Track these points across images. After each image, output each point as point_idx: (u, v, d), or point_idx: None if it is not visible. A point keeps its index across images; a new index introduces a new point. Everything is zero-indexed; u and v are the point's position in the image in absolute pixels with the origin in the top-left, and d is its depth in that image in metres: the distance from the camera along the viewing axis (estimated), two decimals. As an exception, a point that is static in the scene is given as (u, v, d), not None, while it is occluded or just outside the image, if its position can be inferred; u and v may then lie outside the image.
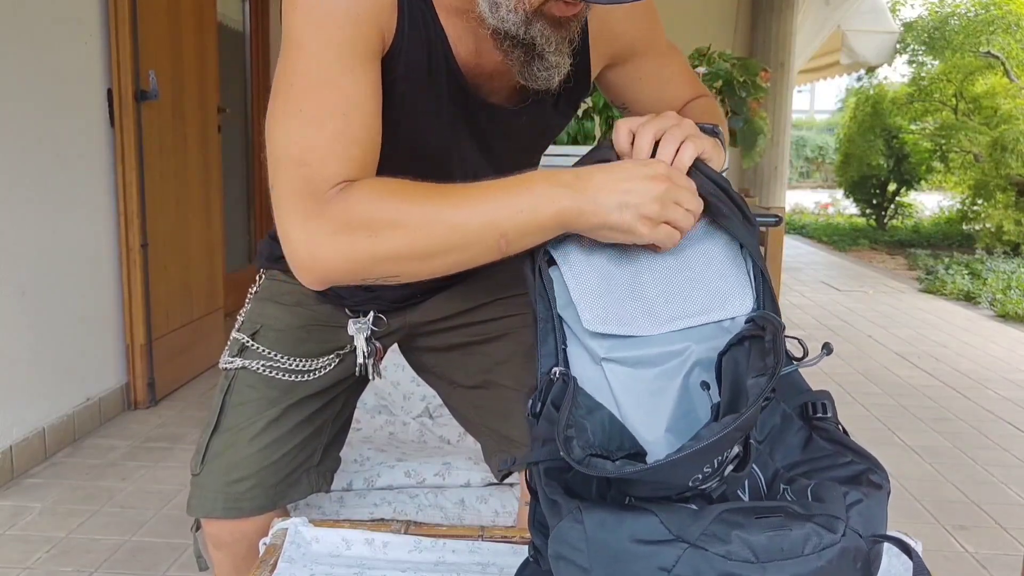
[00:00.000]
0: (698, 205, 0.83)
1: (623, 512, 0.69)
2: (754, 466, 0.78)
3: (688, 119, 0.88)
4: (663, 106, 1.10)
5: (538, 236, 0.84)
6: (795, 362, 0.81)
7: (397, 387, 2.38)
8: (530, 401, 0.79)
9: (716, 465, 0.71)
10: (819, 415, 0.80)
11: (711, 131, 0.91)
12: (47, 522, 2.44)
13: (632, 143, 0.87)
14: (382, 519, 1.87)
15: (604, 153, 0.88)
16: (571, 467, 0.69)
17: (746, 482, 0.77)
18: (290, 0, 0.90)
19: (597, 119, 2.92)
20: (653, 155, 0.85)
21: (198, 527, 1.30)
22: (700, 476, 0.71)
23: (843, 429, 0.82)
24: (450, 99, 1.01)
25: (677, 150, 0.85)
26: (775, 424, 0.81)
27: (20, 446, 2.75)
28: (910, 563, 0.94)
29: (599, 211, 0.81)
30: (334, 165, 0.87)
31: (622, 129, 0.87)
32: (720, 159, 0.90)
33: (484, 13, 0.91)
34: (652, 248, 0.84)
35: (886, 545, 0.98)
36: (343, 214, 0.85)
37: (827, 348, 0.79)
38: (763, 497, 0.77)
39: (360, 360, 1.25)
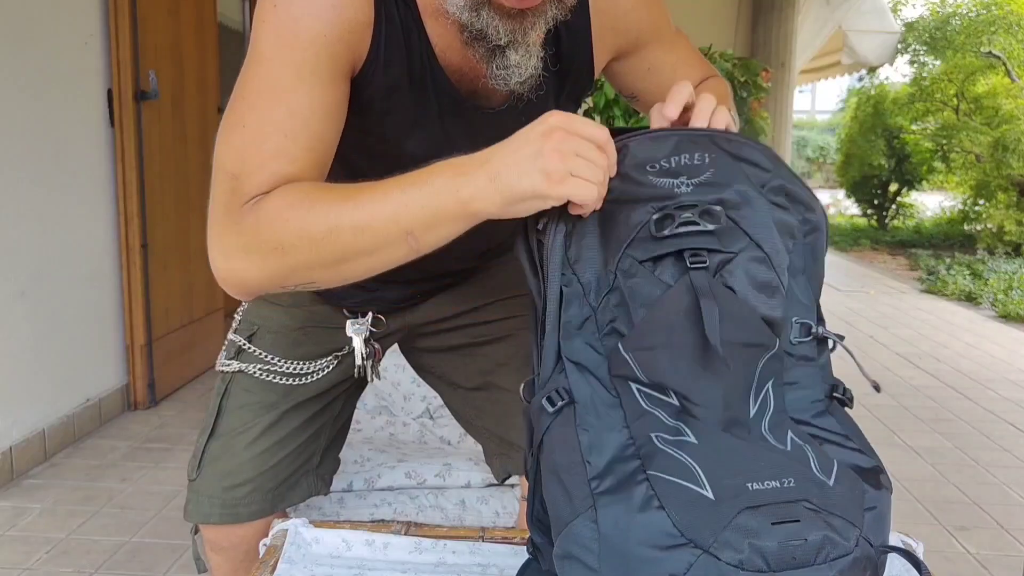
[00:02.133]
0: (601, 158, 0.76)
1: (636, 512, 0.67)
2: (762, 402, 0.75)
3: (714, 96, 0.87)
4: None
5: (449, 228, 0.81)
6: (838, 340, 0.79)
7: (397, 388, 2.38)
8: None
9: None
10: (842, 396, 0.79)
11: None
12: (47, 523, 2.44)
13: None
14: (382, 520, 1.87)
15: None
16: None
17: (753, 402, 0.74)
18: (260, 12, 0.89)
19: (597, 119, 2.91)
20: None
21: (197, 530, 1.30)
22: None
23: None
24: (439, 106, 0.99)
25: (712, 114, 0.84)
26: (800, 376, 0.78)
27: (20, 447, 2.75)
28: (910, 563, 0.94)
29: (502, 187, 0.76)
30: (259, 179, 0.85)
31: (655, 114, 0.85)
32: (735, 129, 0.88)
33: (444, 3, 0.89)
34: (577, 210, 0.78)
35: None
36: (253, 230, 0.84)
37: (876, 387, 0.79)
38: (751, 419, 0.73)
39: (358, 362, 1.24)
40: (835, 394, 0.78)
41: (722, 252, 0.76)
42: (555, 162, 0.74)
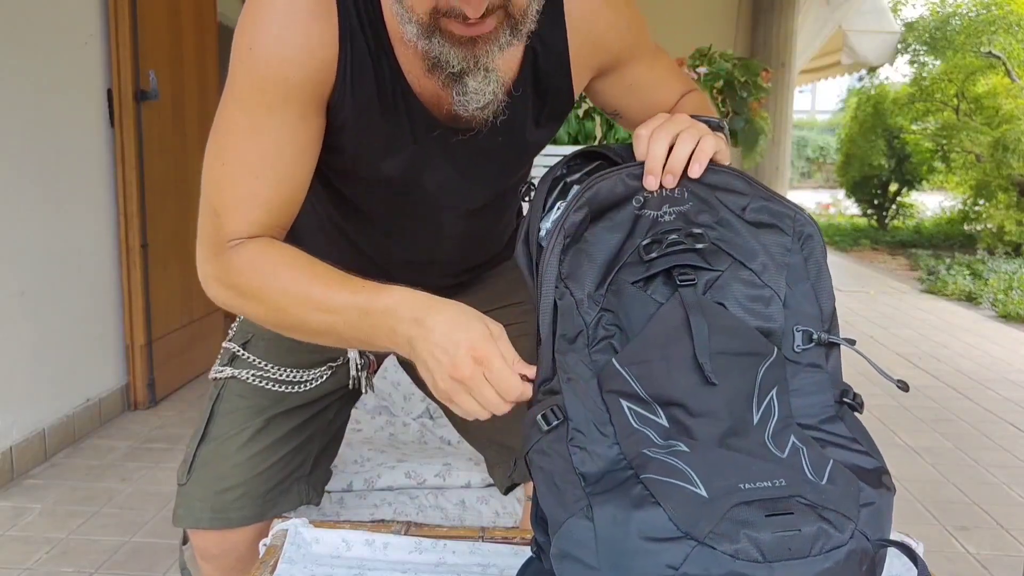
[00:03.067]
0: (496, 405, 0.83)
1: (632, 508, 0.68)
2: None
3: (699, 123, 0.87)
4: (656, 109, 1.08)
5: (373, 349, 0.93)
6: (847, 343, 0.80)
7: (397, 388, 2.38)
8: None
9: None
10: (851, 401, 0.79)
11: (716, 125, 0.90)
12: (47, 523, 2.44)
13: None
14: (382, 520, 1.87)
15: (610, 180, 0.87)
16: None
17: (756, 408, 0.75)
18: (236, 52, 0.94)
19: (598, 119, 2.91)
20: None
21: (186, 540, 1.29)
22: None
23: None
24: (412, 129, 1.00)
25: (692, 151, 0.84)
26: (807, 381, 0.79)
27: (20, 447, 2.75)
28: (910, 562, 0.94)
29: (416, 359, 0.86)
30: (237, 223, 0.95)
31: (642, 137, 0.86)
32: (728, 155, 0.89)
33: (402, 29, 0.91)
34: None
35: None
36: (227, 271, 0.96)
37: (903, 385, 0.81)
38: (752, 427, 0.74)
39: (353, 372, 1.24)
40: (845, 399, 0.79)
41: (710, 270, 0.79)
42: (448, 395, 0.85)
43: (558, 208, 0.86)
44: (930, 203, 10.90)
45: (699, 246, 0.79)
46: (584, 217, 0.81)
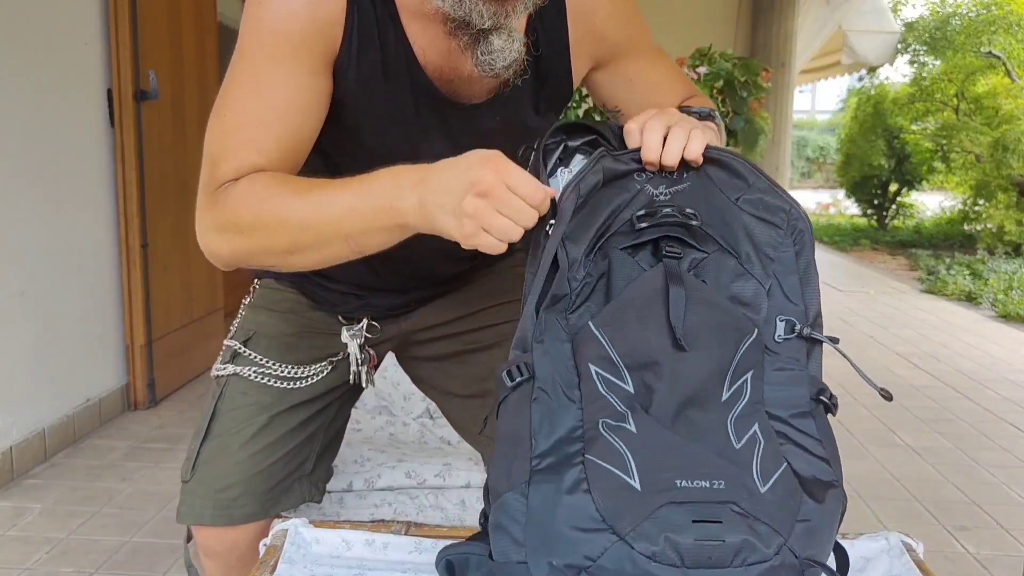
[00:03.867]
0: (527, 216, 0.78)
1: (564, 493, 0.69)
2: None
3: (689, 116, 0.87)
4: (656, 106, 1.10)
5: (385, 236, 0.87)
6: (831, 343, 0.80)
7: (397, 388, 2.38)
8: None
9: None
10: (827, 401, 0.79)
11: (707, 115, 0.91)
12: (47, 523, 2.44)
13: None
14: (382, 520, 1.87)
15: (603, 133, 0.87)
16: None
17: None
18: (247, 8, 0.95)
19: (598, 119, 2.91)
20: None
21: (190, 537, 1.29)
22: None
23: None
24: (415, 100, 1.01)
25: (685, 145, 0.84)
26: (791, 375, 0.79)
27: (20, 447, 2.75)
28: (911, 563, 0.95)
29: (427, 215, 0.82)
30: (231, 166, 0.92)
31: (633, 131, 0.86)
32: (720, 145, 0.90)
33: None
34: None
35: (886, 545, 0.98)
36: (222, 212, 0.92)
37: (886, 395, 0.79)
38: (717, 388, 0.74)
39: (353, 367, 1.25)
40: (821, 397, 0.78)
41: (697, 249, 0.79)
42: (471, 215, 0.78)
43: (562, 172, 0.87)
44: (930, 203, 10.90)
45: (692, 223, 0.79)
46: (598, 182, 0.80)
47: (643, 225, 0.78)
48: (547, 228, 0.81)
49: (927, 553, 0.98)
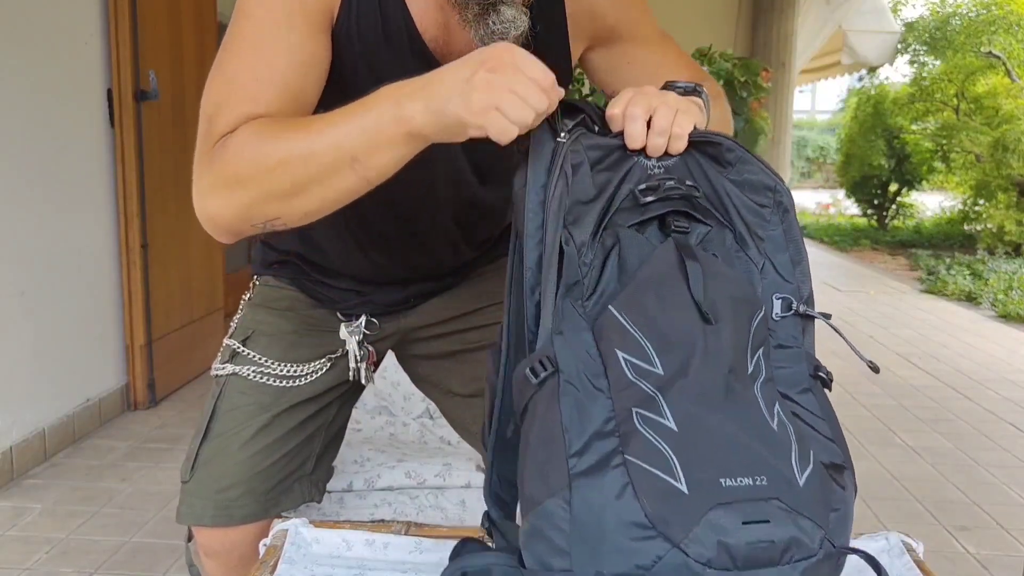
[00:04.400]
0: (537, 98, 0.75)
1: (611, 498, 0.67)
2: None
3: (671, 94, 0.84)
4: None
5: (391, 152, 0.82)
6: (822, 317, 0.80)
7: (397, 388, 2.38)
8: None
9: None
10: (824, 376, 0.79)
11: (691, 90, 0.88)
12: (47, 523, 2.44)
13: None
14: (383, 520, 1.87)
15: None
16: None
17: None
18: None
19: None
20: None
21: (191, 537, 1.29)
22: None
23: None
24: (415, 66, 0.99)
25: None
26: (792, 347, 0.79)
27: (20, 447, 2.75)
28: (911, 563, 0.95)
29: (436, 109, 0.78)
30: (229, 118, 0.89)
31: (616, 115, 0.82)
32: (704, 123, 0.87)
33: None
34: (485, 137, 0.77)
35: (886, 544, 0.98)
36: (220, 167, 0.88)
37: (874, 367, 0.79)
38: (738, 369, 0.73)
39: (352, 364, 1.24)
40: (819, 373, 0.79)
41: (703, 222, 0.78)
42: (483, 92, 0.75)
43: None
44: (930, 203, 10.90)
45: (696, 195, 0.78)
46: (582, 161, 0.79)
47: (648, 199, 0.77)
48: (550, 131, 0.79)
49: (927, 553, 0.98)
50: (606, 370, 0.72)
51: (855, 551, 0.72)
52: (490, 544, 0.91)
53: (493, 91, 0.75)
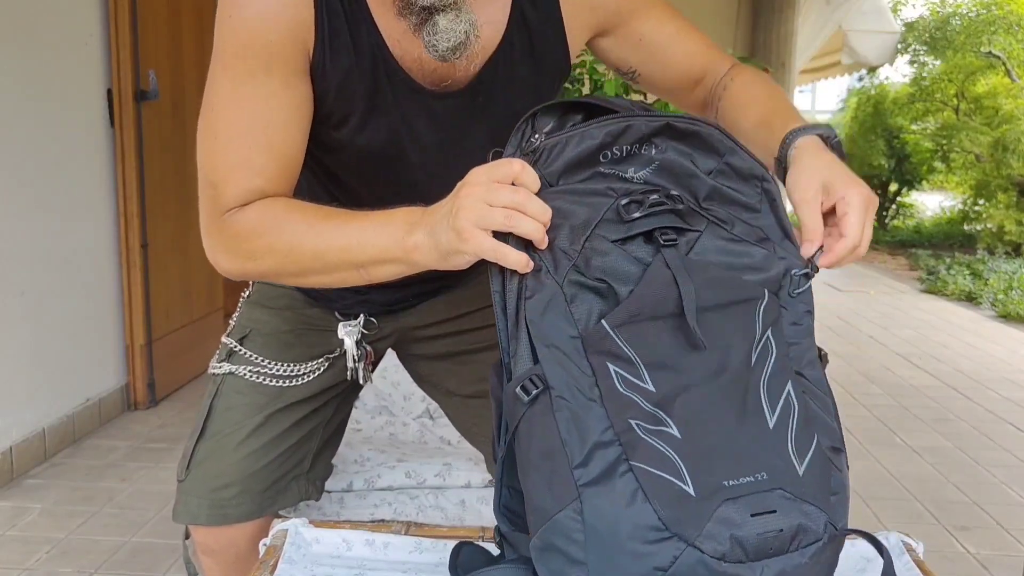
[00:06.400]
0: (515, 198, 0.75)
1: (623, 506, 0.68)
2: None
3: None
4: (674, 65, 1.11)
5: (394, 268, 0.87)
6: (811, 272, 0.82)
7: (397, 388, 2.38)
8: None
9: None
10: (820, 351, 0.81)
11: (834, 142, 0.98)
12: (47, 523, 2.44)
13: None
14: (383, 520, 1.87)
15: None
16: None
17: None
18: (219, 20, 0.94)
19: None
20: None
21: (188, 534, 1.29)
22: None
23: None
24: (394, 94, 1.00)
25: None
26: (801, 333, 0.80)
27: (20, 446, 2.75)
28: (911, 563, 0.95)
29: (436, 243, 0.80)
30: (234, 192, 0.94)
31: (812, 228, 0.86)
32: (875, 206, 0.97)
33: None
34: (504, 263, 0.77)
35: (885, 544, 0.99)
36: (233, 242, 0.95)
37: (823, 357, 0.81)
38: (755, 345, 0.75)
39: (350, 364, 1.23)
40: (820, 350, 0.82)
41: (690, 230, 0.78)
42: (462, 218, 0.76)
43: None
44: (930, 203, 10.90)
45: (680, 207, 0.78)
46: (555, 170, 0.79)
47: (635, 216, 0.77)
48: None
49: (927, 553, 0.98)
50: (597, 380, 0.72)
51: (859, 532, 0.74)
52: (483, 546, 0.92)
53: (472, 213, 0.76)
